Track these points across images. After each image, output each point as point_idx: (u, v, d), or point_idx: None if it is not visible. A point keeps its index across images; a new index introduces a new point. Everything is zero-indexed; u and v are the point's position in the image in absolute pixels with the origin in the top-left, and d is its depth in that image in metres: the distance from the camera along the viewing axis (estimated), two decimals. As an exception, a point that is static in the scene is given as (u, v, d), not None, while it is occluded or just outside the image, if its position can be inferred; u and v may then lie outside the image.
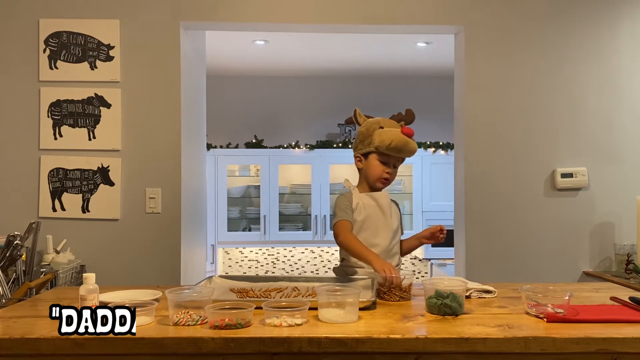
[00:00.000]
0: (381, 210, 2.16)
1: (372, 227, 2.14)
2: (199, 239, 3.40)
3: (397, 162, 2.18)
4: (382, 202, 2.17)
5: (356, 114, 2.24)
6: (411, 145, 2.12)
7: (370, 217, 2.15)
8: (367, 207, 2.16)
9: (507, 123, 3.00)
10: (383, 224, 2.15)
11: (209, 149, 4.86)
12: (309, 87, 5.34)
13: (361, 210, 2.15)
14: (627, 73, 3.01)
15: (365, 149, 2.18)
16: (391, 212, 2.19)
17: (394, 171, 2.19)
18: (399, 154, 2.14)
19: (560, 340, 1.36)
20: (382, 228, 2.15)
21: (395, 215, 2.23)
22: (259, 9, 2.93)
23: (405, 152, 2.13)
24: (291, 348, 1.36)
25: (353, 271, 2.13)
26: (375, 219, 2.15)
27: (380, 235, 2.14)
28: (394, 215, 2.21)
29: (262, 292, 1.85)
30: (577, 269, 3.00)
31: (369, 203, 2.17)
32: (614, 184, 3.01)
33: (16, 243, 2.44)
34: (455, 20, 2.99)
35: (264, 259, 5.47)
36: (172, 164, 2.90)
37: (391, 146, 2.10)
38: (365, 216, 2.14)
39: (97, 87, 2.88)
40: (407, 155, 2.16)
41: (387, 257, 2.12)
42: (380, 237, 2.14)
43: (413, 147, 2.13)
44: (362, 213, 2.14)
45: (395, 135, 2.10)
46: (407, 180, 5.23)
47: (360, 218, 2.14)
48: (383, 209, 2.16)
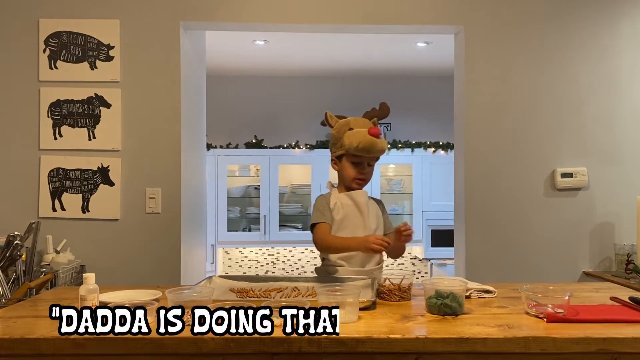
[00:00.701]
0: (358, 210, 2.18)
1: (349, 226, 2.15)
2: (199, 239, 3.40)
3: (371, 161, 2.20)
4: (359, 201, 2.19)
5: (327, 117, 2.26)
6: (378, 145, 2.13)
7: (348, 216, 2.17)
8: (345, 207, 2.18)
9: (507, 123, 3.00)
10: (360, 222, 2.16)
11: (209, 149, 4.87)
12: (309, 87, 5.34)
13: (339, 210, 2.17)
14: (628, 73, 3.02)
15: (337, 151, 2.21)
16: (369, 210, 2.19)
17: (368, 170, 2.20)
18: (369, 154, 2.15)
19: (560, 340, 1.36)
20: (359, 227, 2.16)
21: (375, 214, 2.22)
22: (259, 9, 2.93)
23: (374, 152, 2.14)
24: (291, 348, 1.36)
25: (334, 270, 2.15)
26: (353, 218, 2.17)
27: (358, 234, 2.14)
28: (372, 213, 2.20)
29: (262, 292, 1.85)
30: (577, 269, 3.00)
31: (346, 202, 2.19)
32: (614, 184, 3.01)
33: (16, 243, 2.44)
34: (455, 20, 2.99)
35: (264, 259, 5.47)
36: (172, 164, 2.90)
37: (359, 147, 2.12)
38: (343, 215, 2.17)
39: (97, 87, 2.88)
40: (376, 154, 2.17)
41: (365, 256, 2.14)
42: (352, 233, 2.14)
43: (380, 146, 2.13)
44: (340, 212, 2.17)
45: (362, 136, 2.12)
46: (407, 180, 5.23)
47: (338, 217, 2.17)
48: (360, 208, 2.18)
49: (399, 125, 5.28)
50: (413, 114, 5.34)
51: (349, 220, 2.16)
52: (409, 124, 5.32)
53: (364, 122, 2.20)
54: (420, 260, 5.48)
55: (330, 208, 2.18)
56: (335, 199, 2.20)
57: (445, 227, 4.89)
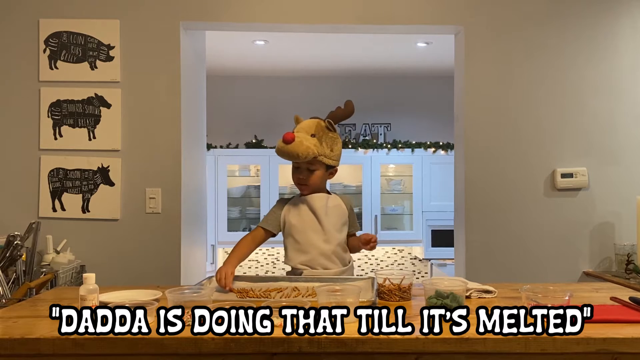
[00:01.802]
0: (314, 213, 2.17)
1: (304, 229, 2.16)
2: (199, 239, 3.40)
3: (310, 166, 2.14)
4: (314, 205, 2.17)
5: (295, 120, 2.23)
6: (287, 150, 2.04)
7: (304, 219, 2.17)
8: (301, 211, 2.18)
9: (507, 123, 3.00)
10: (317, 226, 2.16)
11: (209, 149, 4.86)
12: (309, 87, 5.34)
13: (294, 214, 2.18)
14: (628, 73, 3.01)
15: None
16: (328, 213, 2.17)
17: (308, 176, 2.16)
18: (287, 160, 2.13)
19: (561, 340, 1.36)
20: (316, 230, 2.16)
21: (337, 215, 2.20)
22: (259, 9, 2.93)
23: (286, 158, 2.10)
24: (291, 348, 1.36)
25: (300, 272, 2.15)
26: (309, 221, 2.17)
27: (311, 237, 2.15)
28: (333, 215, 2.18)
29: (262, 292, 1.85)
30: (577, 269, 3.00)
31: (302, 206, 2.19)
32: (614, 184, 3.01)
33: (16, 243, 2.45)
34: (455, 21, 2.99)
35: (264, 259, 5.47)
36: (172, 164, 2.90)
37: (277, 154, 2.12)
38: (297, 219, 2.17)
39: (97, 87, 2.88)
40: (292, 160, 2.12)
41: (324, 259, 2.14)
42: (312, 239, 2.14)
43: (290, 151, 2.04)
44: (295, 216, 2.18)
45: (277, 144, 2.10)
46: (407, 180, 5.23)
47: (294, 221, 2.17)
48: (316, 212, 2.16)
49: (399, 125, 5.28)
50: (413, 114, 5.34)
51: (305, 224, 2.16)
52: (409, 124, 5.32)
53: (307, 124, 2.14)
54: (420, 260, 5.48)
55: (282, 214, 2.19)
56: (292, 202, 2.21)
57: (445, 227, 4.89)
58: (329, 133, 2.14)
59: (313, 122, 2.15)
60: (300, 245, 2.15)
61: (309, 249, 2.14)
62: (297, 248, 2.16)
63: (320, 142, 2.10)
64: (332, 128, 2.14)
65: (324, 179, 2.21)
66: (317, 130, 2.11)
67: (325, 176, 2.20)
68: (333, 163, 2.18)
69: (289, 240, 2.19)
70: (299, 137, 2.05)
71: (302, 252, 2.15)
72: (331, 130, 2.14)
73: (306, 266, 2.14)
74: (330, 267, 2.15)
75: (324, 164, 2.15)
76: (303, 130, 2.10)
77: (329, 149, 2.14)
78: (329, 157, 2.14)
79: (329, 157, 2.14)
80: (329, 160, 2.15)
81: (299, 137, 2.05)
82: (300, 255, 2.15)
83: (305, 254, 2.14)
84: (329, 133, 2.14)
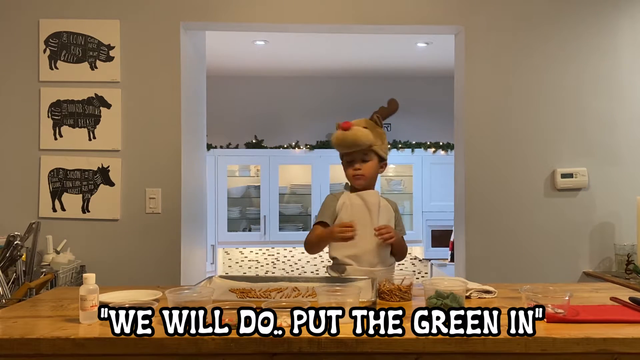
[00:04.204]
0: (368, 209, 2.19)
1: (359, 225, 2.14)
2: (199, 239, 3.40)
3: (364, 157, 2.20)
4: (368, 200, 2.20)
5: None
6: (348, 138, 2.14)
7: (356, 215, 2.18)
8: (354, 206, 2.21)
9: (507, 123, 3.00)
10: (369, 222, 2.18)
11: (209, 149, 4.86)
12: (309, 87, 5.34)
13: (347, 209, 2.20)
14: (628, 73, 3.01)
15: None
16: (380, 210, 2.20)
17: (364, 166, 2.20)
18: (346, 150, 2.19)
19: (561, 340, 1.36)
20: (367, 226, 2.16)
21: (387, 214, 2.24)
22: (259, 9, 2.93)
23: (344, 146, 2.17)
24: (291, 348, 1.36)
25: (343, 268, 2.17)
26: (362, 217, 2.18)
27: (367, 233, 2.15)
28: (383, 213, 2.22)
29: (262, 293, 1.85)
30: (577, 269, 3.00)
31: (356, 202, 2.21)
32: (614, 184, 3.01)
33: (16, 243, 2.44)
34: (455, 21, 2.99)
35: (264, 259, 5.47)
36: (172, 164, 2.90)
37: (334, 145, 2.20)
38: (350, 214, 2.19)
39: (97, 87, 2.88)
40: (350, 149, 2.18)
41: (371, 255, 2.15)
42: (362, 233, 2.14)
43: (350, 139, 2.14)
44: (349, 211, 2.20)
45: (335, 134, 2.17)
46: (407, 180, 5.23)
47: (346, 217, 2.18)
48: (369, 207, 2.19)
49: (399, 126, 5.27)
50: (413, 114, 5.34)
51: (358, 220, 2.16)
52: (409, 124, 5.32)
53: (356, 121, 2.22)
54: (420, 260, 5.48)
55: (337, 208, 2.21)
56: (345, 198, 2.23)
57: (445, 227, 4.89)
58: (377, 128, 2.22)
59: (362, 119, 2.23)
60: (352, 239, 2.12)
61: (357, 243, 2.13)
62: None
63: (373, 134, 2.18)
64: (380, 123, 2.23)
65: (377, 171, 2.26)
66: (368, 124, 2.20)
67: (377, 168, 2.25)
68: (385, 155, 2.25)
69: None
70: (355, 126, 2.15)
71: (350, 245, 2.14)
72: (379, 125, 2.24)
73: (353, 261, 2.14)
74: (376, 264, 2.16)
75: (377, 155, 2.22)
76: (355, 124, 2.18)
77: (381, 141, 2.22)
78: (381, 149, 2.22)
79: (382, 148, 2.22)
80: (382, 151, 2.22)
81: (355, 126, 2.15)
82: (348, 248, 2.15)
83: (353, 247, 2.14)
84: (377, 128, 2.23)
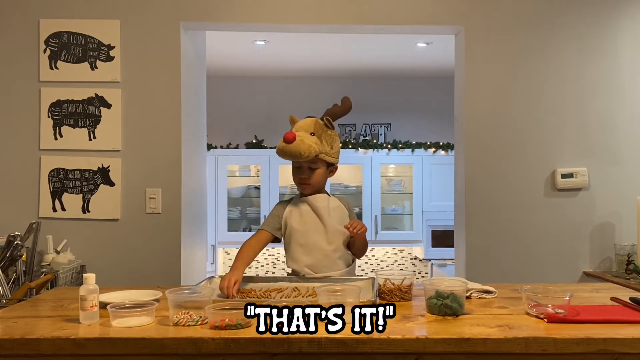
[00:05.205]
0: (317, 214, 2.15)
1: (306, 231, 2.14)
2: (199, 239, 3.40)
3: (312, 165, 2.12)
4: (317, 205, 2.16)
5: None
6: (288, 151, 2.03)
7: (306, 221, 2.15)
8: (303, 213, 2.16)
9: (507, 123, 3.00)
10: (320, 227, 2.14)
11: (209, 149, 4.86)
12: (309, 87, 5.34)
13: (296, 216, 2.16)
14: (628, 73, 3.01)
15: None
16: (330, 213, 2.16)
17: (310, 175, 2.14)
18: (289, 159, 2.11)
19: (561, 340, 1.36)
20: (319, 231, 2.14)
21: (339, 215, 2.18)
22: (259, 9, 2.93)
23: (288, 158, 2.08)
24: (291, 348, 1.36)
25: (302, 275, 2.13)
26: (311, 222, 2.15)
27: (314, 239, 2.13)
28: (335, 216, 2.17)
29: (262, 293, 1.85)
30: (577, 269, 3.00)
31: (304, 208, 2.17)
32: (614, 184, 3.00)
33: (16, 243, 2.45)
34: (456, 21, 2.99)
35: (264, 259, 5.47)
36: (172, 164, 2.90)
37: (277, 153, 2.10)
38: (300, 222, 2.15)
39: (98, 87, 2.88)
40: (293, 159, 2.10)
41: (328, 260, 2.12)
42: (315, 240, 2.13)
43: (291, 152, 2.03)
44: (297, 218, 2.16)
45: (278, 145, 2.08)
46: (407, 180, 5.23)
47: (296, 223, 2.15)
48: (318, 212, 2.15)
49: (399, 126, 5.28)
50: (413, 114, 5.34)
51: (308, 225, 2.14)
52: (409, 124, 5.32)
53: (305, 123, 2.13)
54: (420, 260, 5.48)
55: (285, 215, 2.16)
56: (292, 204, 2.19)
57: (445, 227, 4.89)
58: (327, 131, 2.14)
59: (311, 120, 2.15)
60: (303, 247, 2.13)
61: (312, 251, 2.12)
62: (300, 250, 2.13)
63: (320, 140, 2.10)
64: (330, 125, 2.15)
65: (325, 177, 2.20)
66: (316, 129, 2.11)
67: (326, 174, 2.19)
68: (334, 160, 2.18)
69: (291, 242, 2.16)
70: (299, 136, 2.05)
71: (305, 254, 2.12)
72: (329, 127, 2.15)
73: (310, 270, 2.11)
74: (334, 268, 2.13)
75: (325, 162, 2.15)
76: (302, 129, 2.10)
77: (329, 147, 2.13)
78: (329, 155, 2.14)
79: (330, 154, 2.14)
80: (330, 157, 2.14)
81: (300, 136, 2.05)
82: (303, 257, 2.12)
83: (308, 256, 2.12)
84: (328, 131, 2.14)
